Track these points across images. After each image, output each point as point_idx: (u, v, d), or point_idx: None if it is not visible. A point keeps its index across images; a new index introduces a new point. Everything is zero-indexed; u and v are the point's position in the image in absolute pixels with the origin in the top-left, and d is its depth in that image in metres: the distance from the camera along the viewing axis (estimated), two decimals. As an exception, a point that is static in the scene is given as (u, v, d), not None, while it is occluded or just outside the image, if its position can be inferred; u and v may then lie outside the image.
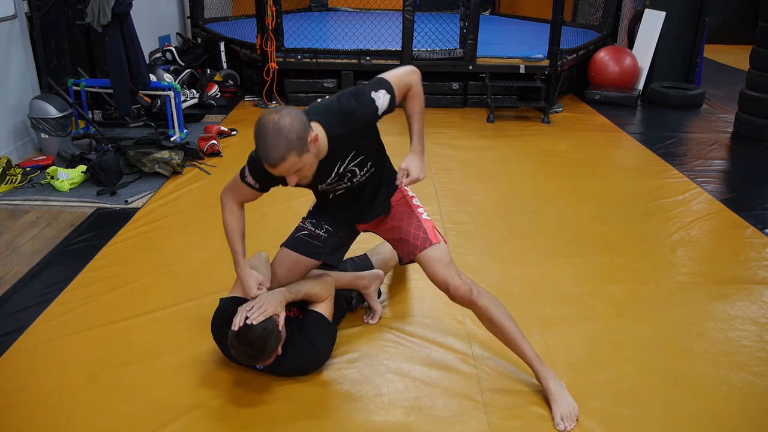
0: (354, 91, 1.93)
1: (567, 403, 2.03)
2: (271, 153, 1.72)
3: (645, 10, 6.67)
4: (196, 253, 3.05)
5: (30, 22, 4.33)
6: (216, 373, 2.20)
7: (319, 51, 5.80)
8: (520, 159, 4.59)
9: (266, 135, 1.72)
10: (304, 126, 1.75)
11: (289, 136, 1.71)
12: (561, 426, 1.97)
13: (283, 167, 1.75)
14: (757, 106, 5.16)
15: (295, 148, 1.73)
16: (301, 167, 1.79)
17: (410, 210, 2.18)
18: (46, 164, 4.08)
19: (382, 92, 1.91)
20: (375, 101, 1.90)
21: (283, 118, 1.72)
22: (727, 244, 3.31)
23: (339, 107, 1.89)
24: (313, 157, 1.81)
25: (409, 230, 2.14)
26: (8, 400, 2.06)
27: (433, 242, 2.11)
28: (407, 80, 2.00)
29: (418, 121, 2.09)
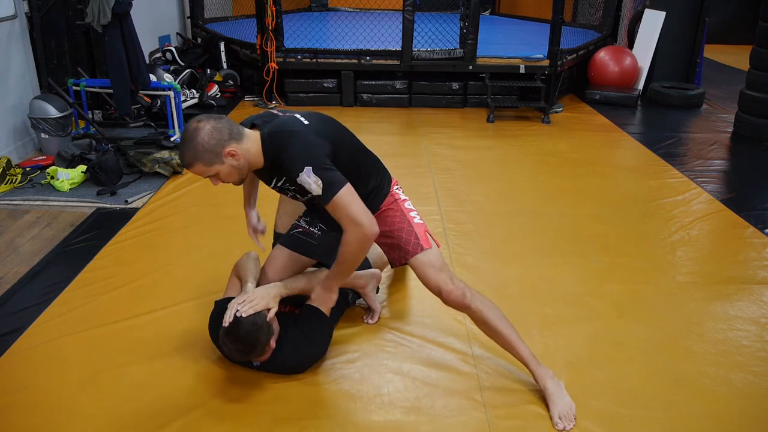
0: (305, 149, 1.86)
1: (564, 403, 2.03)
2: (181, 157, 1.88)
3: (645, 10, 6.67)
4: (196, 253, 3.05)
5: (30, 22, 4.33)
6: (216, 373, 2.20)
7: (319, 51, 5.81)
8: (520, 159, 4.59)
9: (182, 139, 1.86)
10: (219, 140, 1.83)
11: (197, 148, 1.82)
12: (560, 425, 1.98)
13: (193, 171, 1.88)
14: (757, 106, 5.16)
15: (202, 160, 1.84)
16: (214, 174, 1.88)
17: (402, 214, 2.14)
18: (46, 164, 4.08)
19: (316, 180, 1.83)
20: (304, 174, 1.83)
21: (201, 129, 1.82)
22: (727, 244, 3.31)
23: (284, 140, 1.88)
24: (230, 168, 1.88)
25: (400, 235, 2.11)
26: (8, 400, 2.06)
27: (424, 247, 2.09)
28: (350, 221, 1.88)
29: (335, 266, 2.02)
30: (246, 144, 1.89)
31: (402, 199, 2.18)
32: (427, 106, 5.96)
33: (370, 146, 2.26)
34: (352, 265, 2.00)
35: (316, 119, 2.01)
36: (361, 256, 1.98)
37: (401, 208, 2.15)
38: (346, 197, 1.85)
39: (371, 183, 2.12)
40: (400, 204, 2.16)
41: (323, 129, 1.98)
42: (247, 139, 1.90)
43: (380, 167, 2.21)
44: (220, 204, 3.63)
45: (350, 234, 1.90)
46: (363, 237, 1.89)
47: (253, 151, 1.90)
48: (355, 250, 1.93)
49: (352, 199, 1.87)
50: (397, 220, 2.13)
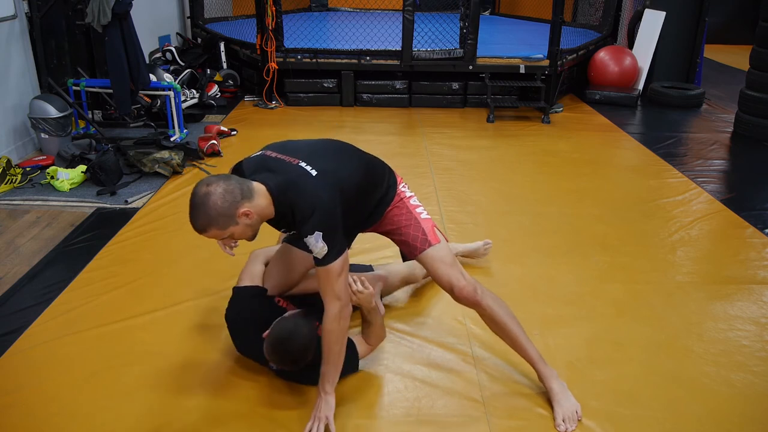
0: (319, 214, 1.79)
1: (570, 404, 2.03)
2: (193, 223, 1.79)
3: (645, 10, 6.67)
4: (196, 253, 3.05)
5: (30, 22, 4.33)
6: (216, 373, 2.20)
7: (319, 51, 5.81)
8: (520, 159, 4.59)
9: (191, 206, 1.77)
10: (232, 202, 1.76)
11: (210, 213, 1.75)
12: (562, 427, 1.97)
13: (207, 236, 1.81)
14: (757, 106, 5.16)
15: (216, 225, 1.77)
16: (228, 236, 1.81)
17: (408, 212, 2.12)
18: (46, 164, 4.08)
19: (323, 246, 1.79)
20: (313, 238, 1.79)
21: (212, 193, 1.74)
22: (727, 244, 3.31)
23: (294, 199, 1.81)
24: (244, 227, 1.81)
25: (408, 232, 2.10)
26: (8, 400, 2.06)
27: (432, 243, 2.07)
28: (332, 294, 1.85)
29: (324, 365, 1.94)
30: (257, 201, 1.81)
31: (408, 196, 2.15)
32: (427, 106, 5.96)
33: (370, 146, 2.27)
34: (339, 351, 1.93)
35: (321, 161, 1.89)
36: (344, 339, 1.93)
37: (407, 205, 2.12)
38: (337, 269, 1.83)
39: (377, 196, 2.09)
40: (406, 202, 2.13)
41: (331, 172, 1.87)
42: (258, 195, 1.82)
43: (385, 174, 2.14)
44: (220, 204, 3.62)
45: (330, 309, 1.86)
46: (340, 311, 1.87)
47: (265, 206, 1.84)
48: (335, 330, 1.88)
49: (342, 272, 1.85)
50: (403, 218, 2.11)
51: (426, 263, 2.09)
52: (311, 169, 1.84)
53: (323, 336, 1.91)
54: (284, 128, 5.21)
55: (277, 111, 5.74)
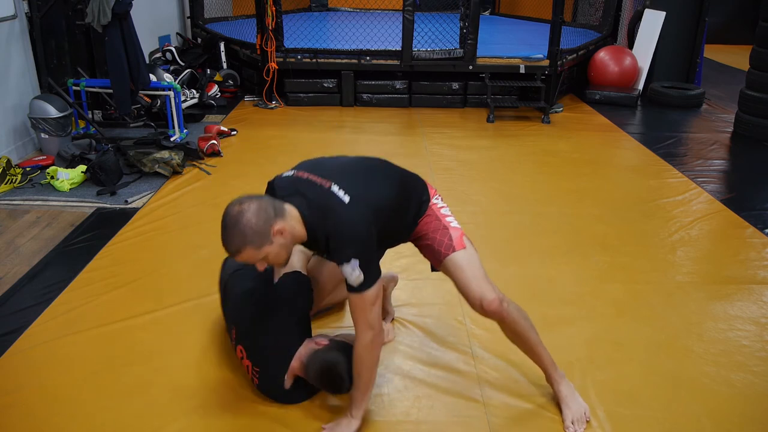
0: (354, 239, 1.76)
1: (579, 406, 2.03)
2: (227, 245, 1.75)
3: (645, 10, 6.67)
4: (196, 253, 3.05)
5: (30, 22, 4.33)
6: (216, 373, 2.20)
7: (319, 51, 5.81)
8: (520, 159, 4.59)
9: (224, 226, 1.73)
10: (266, 219, 1.72)
11: (246, 231, 1.70)
12: (571, 429, 1.97)
13: (241, 258, 1.76)
14: (757, 106, 5.16)
15: (252, 243, 1.72)
16: (263, 257, 1.76)
17: (437, 219, 2.04)
18: (46, 164, 4.08)
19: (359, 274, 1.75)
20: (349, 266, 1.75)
21: (246, 210, 1.71)
22: (727, 244, 3.31)
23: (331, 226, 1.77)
24: (279, 248, 1.76)
25: (435, 237, 2.01)
26: (8, 400, 2.06)
27: (456, 248, 1.97)
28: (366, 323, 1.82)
29: (357, 387, 1.92)
30: (290, 221, 1.77)
31: (439, 207, 2.08)
32: (427, 106, 5.96)
33: (370, 146, 2.27)
34: (370, 378, 1.91)
35: (354, 184, 1.83)
36: (375, 367, 1.91)
37: (436, 214, 2.05)
38: (371, 297, 1.79)
39: (411, 214, 2.02)
40: (436, 210, 2.06)
41: (364, 197, 1.81)
42: (290, 217, 1.78)
43: (418, 190, 2.06)
44: (220, 204, 3.59)
45: (362, 338, 1.83)
46: (374, 340, 1.84)
47: (298, 229, 1.79)
48: (366, 358, 1.86)
49: (376, 300, 1.81)
50: (432, 225, 2.04)
51: (450, 271, 1.98)
52: (344, 194, 1.78)
53: (354, 362, 1.89)
54: (284, 128, 5.21)
55: (277, 111, 5.74)
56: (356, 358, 1.87)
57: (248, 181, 3.98)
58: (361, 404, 1.93)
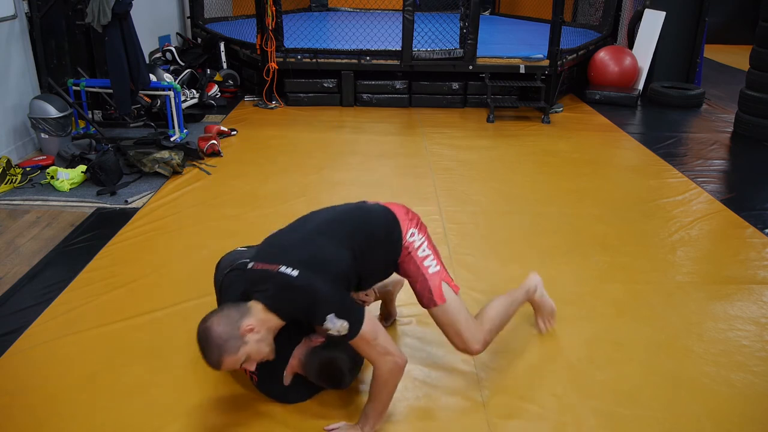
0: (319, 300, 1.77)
1: (548, 308, 2.45)
2: (209, 362, 1.78)
3: (645, 10, 6.67)
4: (196, 253, 3.05)
5: (30, 22, 4.33)
6: (216, 373, 2.20)
7: (319, 51, 5.80)
8: (520, 159, 4.59)
9: (200, 348, 1.78)
10: (232, 324, 1.76)
11: (218, 341, 1.75)
12: (542, 326, 2.45)
13: (226, 368, 1.80)
14: (757, 106, 5.16)
15: (228, 351, 1.75)
16: (246, 359, 1.78)
17: (416, 266, 2.05)
18: (46, 164, 4.08)
19: (341, 323, 1.77)
20: (329, 323, 1.76)
21: (211, 327, 1.76)
22: (727, 244, 3.31)
23: (293, 301, 1.80)
24: (256, 344, 1.79)
25: (415, 287, 2.07)
26: (8, 400, 2.06)
27: (437, 303, 2.03)
28: (378, 355, 1.83)
29: (372, 403, 1.91)
30: (257, 315, 1.80)
31: (416, 248, 2.05)
32: (427, 106, 5.96)
33: (370, 146, 2.27)
34: (388, 399, 1.90)
35: (300, 254, 1.85)
36: (395, 387, 1.90)
37: (414, 259, 2.05)
38: (370, 333, 1.80)
39: (382, 252, 2.03)
40: (414, 256, 2.05)
41: (310, 262, 1.83)
42: (255, 311, 1.81)
43: (386, 231, 2.03)
44: (220, 204, 3.63)
45: (382, 366, 1.83)
46: (395, 366, 1.85)
47: (267, 318, 1.81)
48: (390, 382, 1.87)
49: (375, 332, 1.82)
50: (411, 272, 2.06)
51: (437, 322, 2.09)
52: (292, 270, 1.79)
53: (376, 384, 1.88)
54: (284, 128, 5.21)
55: (277, 111, 5.74)
56: (379, 381, 1.86)
57: (248, 181, 3.98)
58: (375, 423, 1.92)
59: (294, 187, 3.89)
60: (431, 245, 2.10)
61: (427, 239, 2.10)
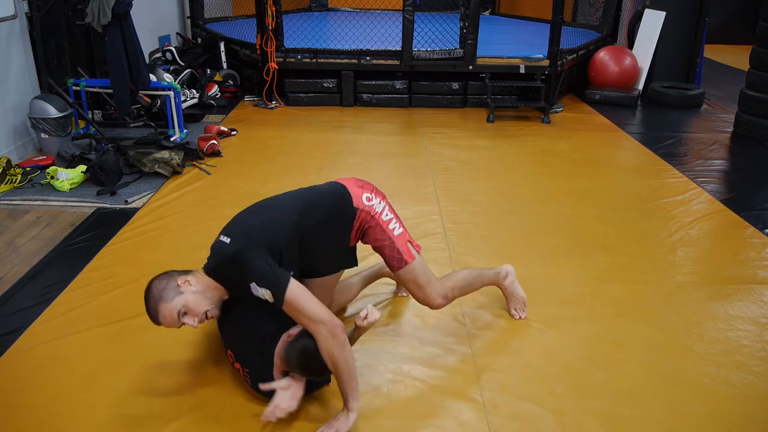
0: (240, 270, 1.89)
1: (519, 297, 2.54)
2: (150, 315, 1.93)
3: (645, 10, 6.67)
4: (196, 253, 3.04)
5: (30, 22, 4.33)
6: (216, 373, 2.20)
7: (319, 51, 5.81)
8: (520, 159, 4.59)
9: (145, 303, 1.94)
10: (169, 278, 1.95)
11: (155, 293, 1.92)
12: (516, 315, 2.53)
13: (164, 319, 1.92)
14: (757, 106, 5.16)
15: (163, 299, 1.90)
16: (182, 307, 1.90)
17: (382, 230, 2.19)
18: (46, 164, 4.08)
19: (265, 291, 1.86)
20: (253, 291, 1.87)
21: (151, 284, 1.95)
22: (727, 244, 3.31)
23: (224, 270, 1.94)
24: (192, 295, 1.92)
25: (384, 252, 2.21)
26: (8, 400, 2.06)
27: (407, 262, 2.19)
28: (310, 321, 1.87)
29: (338, 379, 1.92)
30: (196, 275, 1.97)
31: (378, 212, 2.18)
32: (427, 106, 5.96)
33: (370, 146, 2.28)
34: (348, 367, 1.90)
35: (238, 227, 2.02)
36: (347, 352, 1.90)
37: (379, 223, 2.18)
38: (294, 300, 1.86)
39: (327, 234, 2.16)
40: (378, 219, 2.18)
41: (244, 233, 1.97)
42: (196, 272, 1.99)
43: (335, 201, 2.17)
44: (220, 204, 3.63)
45: (318, 337, 1.87)
46: (330, 332, 1.86)
47: (208, 282, 1.97)
48: (333, 351, 1.87)
49: (301, 299, 1.87)
50: (378, 236, 2.20)
51: (403, 282, 2.26)
52: (225, 237, 1.97)
53: (326, 360, 1.89)
54: (284, 128, 5.21)
55: (277, 111, 5.75)
56: (325, 353, 1.88)
57: (248, 181, 3.98)
58: (353, 396, 1.93)
59: (294, 187, 3.87)
60: (392, 210, 2.25)
61: (387, 204, 2.25)
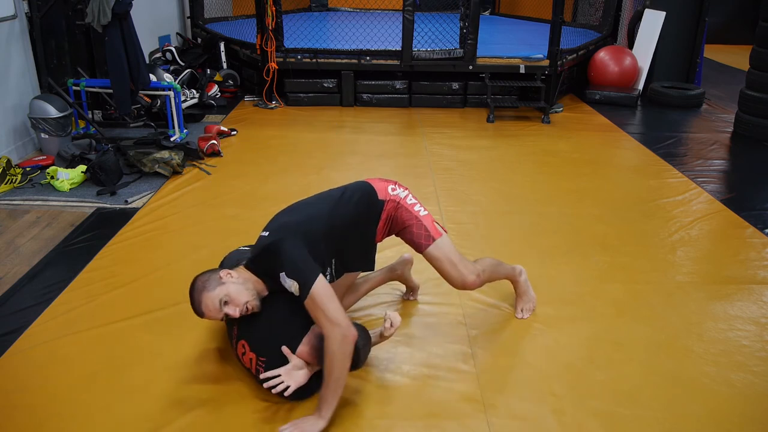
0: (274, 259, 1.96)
1: (529, 298, 2.57)
2: (194, 306, 2.01)
3: (645, 10, 6.67)
4: (196, 253, 3.05)
5: (30, 22, 4.33)
6: (216, 373, 2.20)
7: (319, 51, 5.81)
8: (520, 159, 4.59)
9: (190, 297, 2.02)
10: (212, 273, 2.04)
11: (199, 285, 2.01)
12: (520, 315, 2.55)
13: (207, 308, 1.98)
14: (757, 106, 5.16)
15: (206, 289, 1.99)
16: (225, 296, 1.97)
17: (408, 212, 2.26)
18: (46, 164, 4.08)
19: (292, 282, 1.92)
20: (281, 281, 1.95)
21: (196, 277, 2.04)
22: (727, 244, 3.31)
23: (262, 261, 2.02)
24: (234, 286, 1.99)
25: (412, 231, 2.26)
26: (8, 400, 2.06)
27: (435, 238, 2.24)
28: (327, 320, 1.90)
29: (326, 382, 1.93)
30: (238, 269, 2.06)
31: (402, 198, 2.28)
32: (427, 106, 5.96)
33: (370, 146, 2.28)
34: (340, 377, 1.92)
35: (275, 222, 2.11)
36: (347, 363, 1.92)
37: (405, 206, 2.27)
38: (319, 297, 1.90)
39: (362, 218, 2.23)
40: (403, 203, 2.27)
41: (281, 226, 2.05)
42: (237, 269, 2.07)
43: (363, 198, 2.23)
44: (220, 204, 3.63)
45: (330, 335, 1.90)
46: (342, 337, 1.89)
47: (249, 275, 2.04)
48: (338, 355, 1.90)
49: (326, 298, 1.91)
50: (405, 218, 2.26)
51: (433, 260, 2.27)
52: (265, 231, 2.06)
53: (326, 360, 1.92)
54: (284, 128, 5.21)
55: (277, 111, 5.75)
56: (328, 355, 1.91)
57: (248, 181, 3.98)
58: (331, 403, 1.94)
59: (294, 187, 3.89)
60: (415, 197, 2.32)
61: (410, 192, 2.32)
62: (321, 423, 1.92)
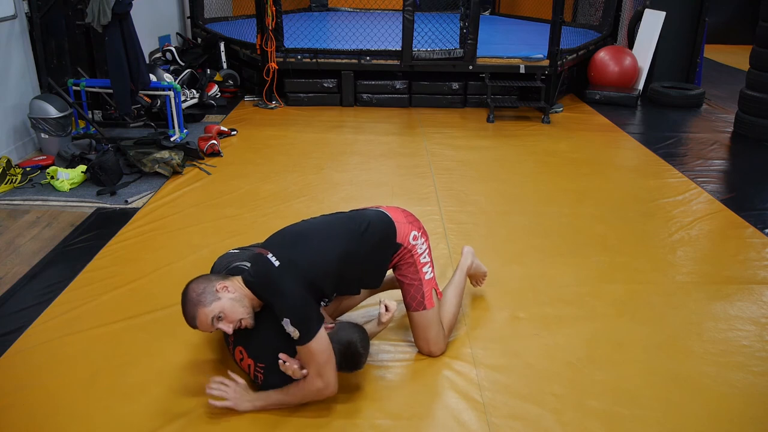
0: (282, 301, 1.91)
1: (481, 274, 2.64)
2: (186, 318, 1.97)
3: (645, 10, 6.67)
4: (196, 253, 3.05)
5: (30, 22, 4.33)
6: (216, 373, 2.20)
7: (319, 51, 5.81)
8: (520, 159, 4.59)
9: (182, 308, 1.97)
10: (208, 283, 1.97)
11: (192, 296, 1.94)
12: (476, 286, 2.65)
13: (201, 323, 1.94)
14: (757, 106, 5.16)
15: (201, 303, 1.93)
16: (219, 313, 1.93)
17: (414, 270, 2.24)
18: (46, 164, 4.08)
19: (293, 330, 1.89)
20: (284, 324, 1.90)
21: (189, 285, 1.98)
22: (727, 244, 3.31)
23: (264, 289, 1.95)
24: (229, 301, 1.94)
25: (409, 290, 2.25)
26: (8, 400, 2.06)
27: (426, 307, 2.24)
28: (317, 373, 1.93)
29: (279, 394, 2.01)
30: (235, 282, 1.99)
31: (419, 254, 2.23)
32: (427, 106, 5.96)
33: (370, 146, 2.28)
34: (294, 403, 2.01)
35: (289, 250, 1.98)
36: (305, 401, 2.01)
37: (416, 262, 2.24)
38: (315, 350, 1.91)
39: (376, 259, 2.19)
40: (416, 258, 2.23)
41: (293, 262, 1.94)
42: (235, 280, 2.00)
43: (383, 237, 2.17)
44: (220, 204, 3.63)
45: (310, 382, 1.95)
46: (317, 392, 1.97)
47: (246, 291, 1.98)
48: (307, 397, 1.99)
49: (320, 353, 1.92)
50: (410, 275, 2.24)
51: (414, 325, 2.29)
52: (276, 260, 1.94)
53: (295, 388, 1.98)
54: (284, 128, 5.21)
55: (277, 111, 5.75)
56: (299, 389, 1.97)
57: (248, 181, 3.98)
58: (268, 407, 2.01)
59: (294, 187, 3.89)
60: (430, 253, 2.29)
61: (428, 247, 2.28)
62: (248, 406, 2.00)
